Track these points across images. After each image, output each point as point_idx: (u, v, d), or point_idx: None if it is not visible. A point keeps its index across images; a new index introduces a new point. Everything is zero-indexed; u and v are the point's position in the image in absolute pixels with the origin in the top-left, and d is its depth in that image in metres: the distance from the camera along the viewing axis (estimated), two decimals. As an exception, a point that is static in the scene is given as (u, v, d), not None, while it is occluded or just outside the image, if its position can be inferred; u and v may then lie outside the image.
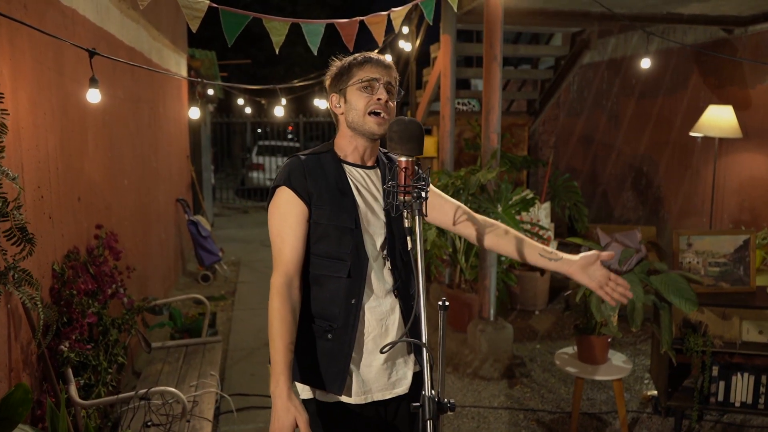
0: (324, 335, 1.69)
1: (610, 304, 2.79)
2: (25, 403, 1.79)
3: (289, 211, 1.66)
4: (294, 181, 1.67)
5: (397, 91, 1.74)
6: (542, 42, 6.35)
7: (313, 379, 1.70)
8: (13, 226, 2.05)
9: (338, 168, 1.73)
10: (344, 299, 1.68)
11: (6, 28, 2.31)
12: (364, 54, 1.74)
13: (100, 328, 3.12)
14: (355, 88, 1.69)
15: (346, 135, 1.75)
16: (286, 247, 1.65)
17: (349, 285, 1.68)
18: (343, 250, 1.68)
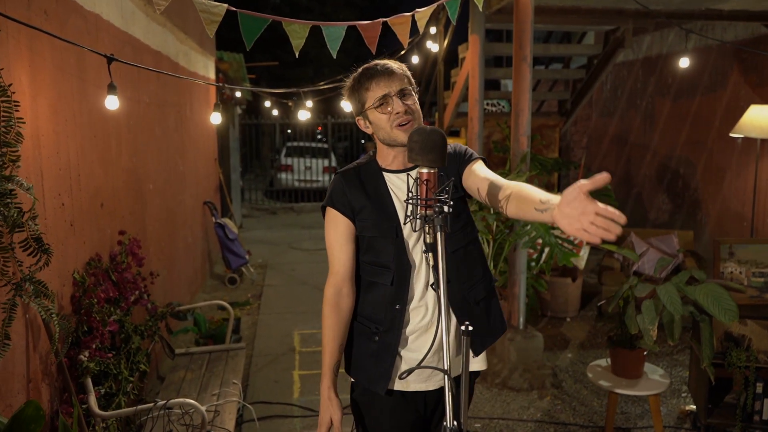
0: (372, 337, 1.80)
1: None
2: (37, 420, 1.75)
3: (336, 228, 1.79)
4: (336, 200, 1.78)
5: (413, 87, 1.70)
6: (574, 41, 6.17)
7: (360, 375, 1.84)
8: (29, 236, 2.02)
9: (379, 179, 1.78)
10: (389, 305, 1.77)
11: (25, 35, 2.29)
12: (366, 70, 1.73)
13: (122, 336, 3.09)
14: (373, 109, 1.70)
15: (383, 148, 1.79)
16: (335, 260, 1.80)
17: (393, 292, 1.76)
18: (387, 258, 1.76)
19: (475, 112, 4.73)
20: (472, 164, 1.75)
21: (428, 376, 1.83)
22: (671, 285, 2.81)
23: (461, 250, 1.79)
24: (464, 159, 1.77)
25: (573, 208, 1.25)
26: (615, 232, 1.22)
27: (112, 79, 2.39)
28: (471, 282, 1.82)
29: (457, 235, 1.78)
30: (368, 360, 1.80)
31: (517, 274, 4.04)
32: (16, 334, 2.18)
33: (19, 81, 2.24)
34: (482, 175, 1.69)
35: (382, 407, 1.82)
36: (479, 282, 1.85)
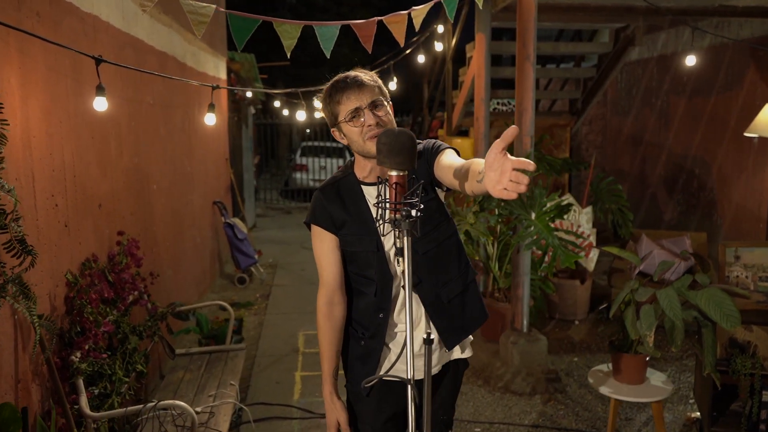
0: (359, 340, 1.89)
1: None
2: (15, 422, 1.75)
3: (322, 242, 1.83)
4: (318, 216, 1.82)
5: (385, 97, 1.67)
6: (585, 39, 6.07)
7: (349, 374, 1.95)
8: (12, 238, 2.02)
9: (358, 193, 1.78)
10: (374, 313, 1.83)
11: (14, 36, 2.29)
12: (336, 83, 1.71)
13: (118, 336, 3.10)
14: (345, 123, 1.69)
15: (360, 159, 1.79)
16: (324, 271, 1.85)
17: (376, 302, 1.82)
18: (370, 271, 1.81)
19: (481, 111, 4.67)
20: (440, 156, 1.70)
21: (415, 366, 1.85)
22: (671, 289, 2.74)
23: (433, 250, 1.81)
24: (432, 153, 1.74)
25: (494, 171, 1.22)
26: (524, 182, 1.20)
27: (100, 81, 2.39)
28: (445, 279, 1.85)
29: (429, 236, 1.80)
30: (356, 362, 1.90)
31: (520, 276, 3.98)
32: (4, 335, 2.19)
33: (8, 83, 2.25)
34: (447, 164, 1.64)
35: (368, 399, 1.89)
36: (455, 278, 1.88)
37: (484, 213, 3.87)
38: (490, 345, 4.48)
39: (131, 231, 3.61)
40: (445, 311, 1.85)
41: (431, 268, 1.81)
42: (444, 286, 1.84)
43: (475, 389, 4.00)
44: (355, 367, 1.93)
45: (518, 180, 1.19)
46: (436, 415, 1.99)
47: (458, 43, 5.77)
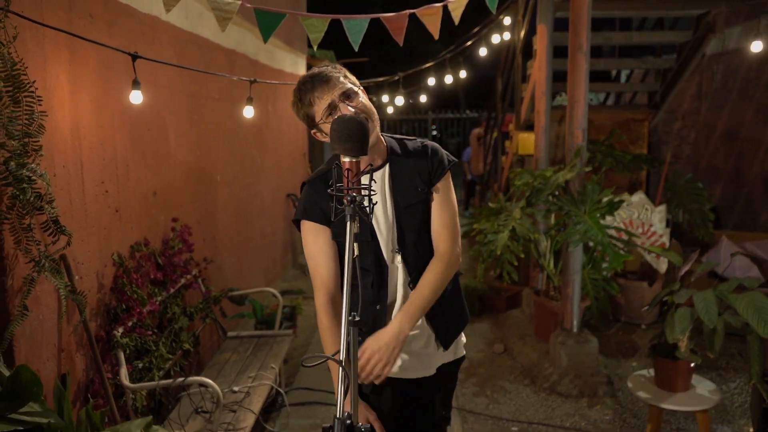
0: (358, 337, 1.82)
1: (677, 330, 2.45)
2: (36, 384, 1.93)
3: (315, 238, 1.80)
4: (310, 212, 1.79)
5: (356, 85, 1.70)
6: (667, 28, 5.73)
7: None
8: (48, 218, 2.23)
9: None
10: (371, 305, 1.81)
11: (64, 37, 2.51)
12: (303, 85, 1.71)
13: (167, 316, 3.31)
14: (324, 123, 1.69)
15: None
16: (321, 268, 1.79)
17: (374, 293, 1.81)
18: (365, 261, 1.79)
19: (542, 105, 4.54)
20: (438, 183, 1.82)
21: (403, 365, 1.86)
22: (710, 292, 2.56)
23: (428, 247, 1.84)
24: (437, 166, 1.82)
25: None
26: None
27: (136, 75, 2.57)
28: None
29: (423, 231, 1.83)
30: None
31: (570, 274, 3.84)
32: (47, 308, 2.42)
33: (57, 78, 2.47)
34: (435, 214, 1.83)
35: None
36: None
37: (531, 208, 3.77)
38: (541, 345, 4.36)
39: (189, 219, 3.83)
40: (440, 309, 1.83)
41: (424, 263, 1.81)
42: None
43: (521, 388, 3.91)
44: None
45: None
46: (437, 412, 1.99)
47: (527, 35, 5.62)
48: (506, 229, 3.61)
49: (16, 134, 2.07)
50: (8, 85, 2.07)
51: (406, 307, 1.75)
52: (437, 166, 1.82)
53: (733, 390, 3.78)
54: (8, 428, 1.82)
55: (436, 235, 1.83)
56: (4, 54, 2.06)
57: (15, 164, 2.04)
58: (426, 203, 1.82)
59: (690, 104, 8.36)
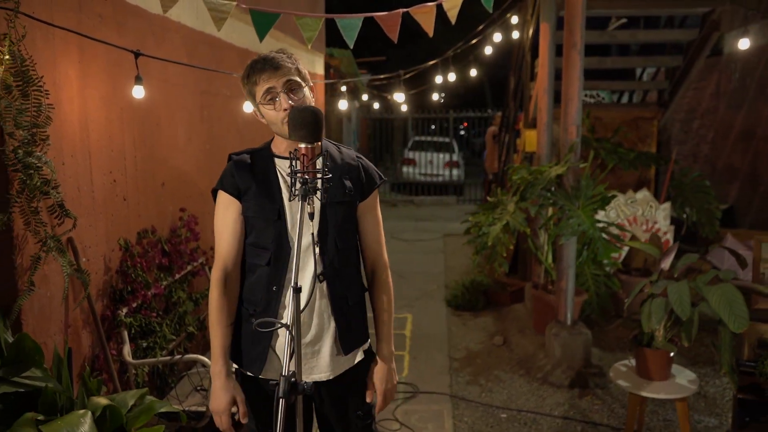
0: (249, 319, 1.84)
1: (652, 320, 2.53)
2: (37, 352, 2.12)
3: (225, 210, 1.84)
4: (225, 182, 1.84)
5: (303, 78, 1.78)
6: (675, 26, 5.74)
7: (239, 358, 1.88)
8: (54, 203, 2.42)
9: (269, 163, 1.84)
10: (266, 286, 1.80)
11: (74, 36, 2.70)
12: (254, 63, 1.80)
13: (173, 300, 3.50)
14: (262, 105, 1.77)
15: (277, 138, 1.87)
16: (223, 243, 1.83)
17: (269, 272, 1.79)
18: (266, 239, 1.80)
19: (544, 102, 4.62)
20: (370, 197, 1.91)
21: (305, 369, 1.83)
22: (684, 283, 2.64)
23: (348, 249, 1.87)
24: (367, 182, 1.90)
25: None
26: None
27: (138, 72, 2.75)
28: (352, 282, 1.89)
29: (347, 233, 1.87)
30: (245, 341, 1.83)
31: (564, 268, 3.93)
32: (55, 286, 2.61)
33: (66, 75, 2.67)
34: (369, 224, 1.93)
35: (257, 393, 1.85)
36: (358, 286, 1.92)
37: (525, 203, 3.87)
38: (539, 337, 4.44)
39: (197, 210, 4.02)
40: (347, 313, 1.85)
41: (344, 265, 1.83)
42: (350, 288, 1.86)
43: (515, 378, 4.01)
44: (246, 350, 1.84)
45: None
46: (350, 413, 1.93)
47: (535, 33, 5.69)
48: (500, 223, 3.71)
49: (24, 125, 2.26)
50: (18, 79, 2.26)
51: (384, 333, 1.91)
52: (369, 180, 1.90)
53: (725, 384, 3.82)
54: (11, 389, 2.00)
55: (372, 248, 1.93)
56: (14, 51, 2.25)
57: (23, 152, 2.23)
58: (351, 206, 1.87)
59: (708, 103, 8.31)
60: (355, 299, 1.90)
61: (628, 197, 5.16)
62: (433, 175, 13.95)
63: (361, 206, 1.91)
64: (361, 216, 1.92)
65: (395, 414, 3.51)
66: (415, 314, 5.34)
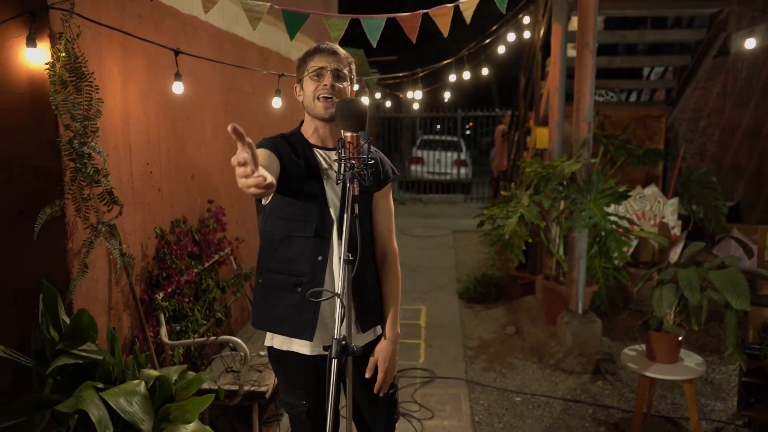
0: (293, 289, 1.93)
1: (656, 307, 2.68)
2: (92, 327, 2.29)
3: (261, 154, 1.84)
4: (267, 143, 1.93)
5: (349, 75, 1.94)
6: (684, 26, 5.88)
7: (283, 328, 1.95)
8: (104, 190, 2.59)
9: (306, 145, 1.99)
10: (312, 256, 1.91)
11: (118, 34, 2.88)
12: (317, 46, 1.96)
13: (202, 287, 3.67)
14: (308, 77, 1.93)
15: (307, 121, 2.01)
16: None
17: (315, 243, 1.91)
18: (309, 213, 1.91)
19: (556, 100, 4.77)
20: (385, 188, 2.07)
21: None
22: (693, 269, 2.79)
23: (366, 236, 2.00)
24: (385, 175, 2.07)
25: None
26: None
27: (178, 69, 2.93)
28: (371, 265, 2.04)
29: (367, 222, 2.02)
30: (291, 311, 1.91)
31: (575, 259, 4.08)
32: (100, 270, 2.78)
33: (110, 70, 2.84)
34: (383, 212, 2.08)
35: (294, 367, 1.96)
36: (374, 269, 2.06)
37: (539, 196, 4.02)
38: (550, 327, 4.60)
39: (223, 202, 4.19)
40: (366, 293, 1.98)
41: (364, 248, 1.90)
42: (369, 271, 2.01)
43: (528, 365, 4.17)
44: (290, 318, 1.91)
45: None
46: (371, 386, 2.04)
47: (546, 33, 5.85)
48: (515, 215, 3.87)
49: (78, 117, 2.44)
50: (72, 75, 2.44)
51: (391, 316, 2.03)
52: (385, 172, 2.08)
53: (731, 371, 3.97)
54: (70, 361, 2.18)
55: (384, 236, 2.08)
56: (69, 49, 2.42)
57: (78, 142, 2.41)
58: (370, 196, 2.02)
59: (715, 102, 8.44)
60: (372, 282, 2.05)
61: (637, 193, 5.31)
62: (441, 174, 14.12)
63: (376, 196, 2.08)
64: (375, 205, 2.08)
65: (414, 396, 3.67)
66: (429, 306, 5.50)
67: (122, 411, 2.04)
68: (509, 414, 3.52)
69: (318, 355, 1.94)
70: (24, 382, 2.54)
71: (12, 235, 2.54)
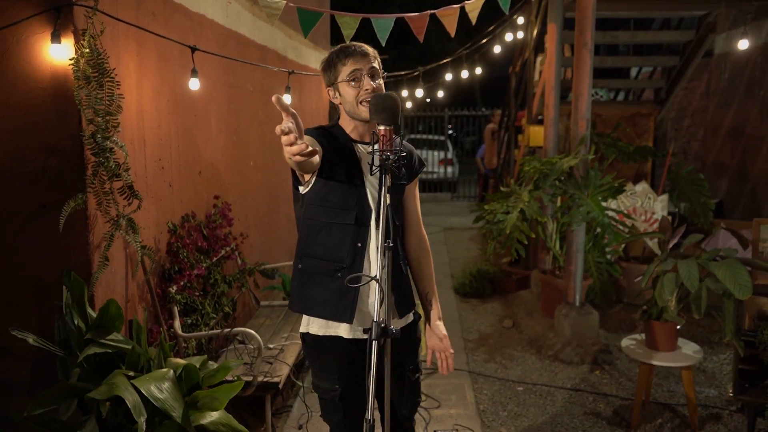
0: (334, 274, 1.97)
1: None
2: (119, 318, 2.34)
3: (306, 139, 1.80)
4: (312, 134, 1.95)
5: (381, 71, 2.02)
6: (672, 28, 6.05)
7: (324, 311, 1.99)
8: (124, 184, 2.64)
9: (346, 138, 2.05)
10: (352, 243, 1.97)
11: (134, 30, 2.92)
12: (344, 47, 1.99)
13: (210, 281, 3.72)
14: (344, 83, 1.96)
15: (346, 118, 2.05)
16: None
17: (355, 230, 1.96)
18: (350, 200, 1.96)
19: (551, 99, 4.89)
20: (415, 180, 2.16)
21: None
22: (692, 260, 2.91)
23: (399, 227, 2.10)
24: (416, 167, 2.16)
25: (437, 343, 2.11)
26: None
27: (194, 65, 2.97)
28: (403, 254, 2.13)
29: (399, 213, 2.11)
30: (332, 295, 1.96)
31: (573, 252, 4.20)
32: (118, 263, 2.83)
33: (127, 67, 2.88)
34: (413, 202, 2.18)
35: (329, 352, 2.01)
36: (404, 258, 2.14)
37: (538, 191, 4.13)
38: (547, 320, 4.72)
39: (228, 198, 4.24)
40: (401, 280, 2.07)
41: (396, 239, 2.00)
42: (403, 259, 2.10)
43: (527, 356, 4.28)
44: (331, 302, 1.96)
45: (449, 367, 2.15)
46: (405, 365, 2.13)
47: (539, 34, 5.97)
48: (515, 210, 3.97)
49: (100, 112, 2.48)
50: (95, 71, 2.48)
51: (433, 300, 2.18)
52: (417, 166, 2.17)
53: (723, 360, 4.12)
54: (100, 350, 2.23)
55: (416, 225, 2.19)
56: (92, 45, 2.47)
57: (101, 137, 2.45)
58: (403, 188, 2.11)
59: (699, 102, 8.66)
60: (405, 269, 2.15)
61: (628, 189, 5.45)
62: (428, 173, 14.24)
63: (407, 188, 2.16)
64: (406, 197, 2.17)
65: (419, 387, 3.75)
66: (426, 301, 5.58)
67: (153, 398, 2.10)
68: (512, 403, 3.62)
69: (353, 339, 2.01)
70: (45, 372, 2.58)
71: (33, 228, 2.58)
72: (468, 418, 3.40)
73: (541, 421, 3.41)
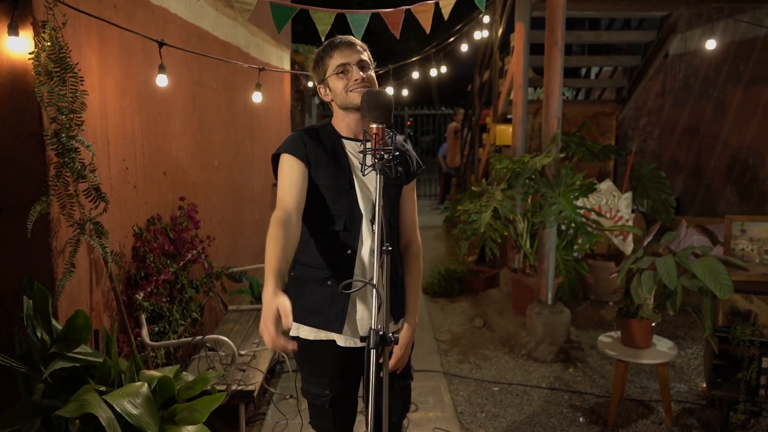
0: (324, 282, 1.92)
1: (642, 294, 2.80)
2: (86, 329, 2.20)
3: (290, 171, 1.87)
4: (294, 148, 1.89)
5: (371, 62, 1.94)
6: (633, 28, 6.15)
7: (313, 320, 1.94)
8: (90, 186, 2.48)
9: (336, 138, 1.96)
10: (342, 250, 1.91)
11: (96, 24, 2.76)
12: (331, 41, 1.93)
13: (177, 287, 3.57)
14: (333, 76, 1.89)
15: (339, 115, 1.96)
16: (287, 193, 1.84)
17: (345, 237, 1.91)
18: (339, 207, 1.90)
19: (519, 97, 4.89)
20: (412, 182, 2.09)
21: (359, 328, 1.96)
22: (670, 258, 2.93)
23: (395, 229, 2.03)
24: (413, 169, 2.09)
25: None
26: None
27: (162, 61, 2.83)
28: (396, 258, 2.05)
29: (396, 215, 2.04)
30: (323, 304, 1.92)
31: (545, 252, 4.21)
32: (82, 269, 2.67)
33: (89, 62, 2.72)
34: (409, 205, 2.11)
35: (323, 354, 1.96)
36: (399, 262, 2.08)
37: (511, 191, 4.12)
38: (518, 318, 4.72)
39: (193, 199, 4.09)
40: (397, 284, 2.01)
41: (392, 242, 1.95)
42: (398, 262, 2.04)
43: (500, 356, 4.26)
44: (321, 311, 1.92)
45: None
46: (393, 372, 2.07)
47: (504, 33, 5.99)
48: (488, 209, 3.95)
49: (63, 110, 2.33)
50: (57, 65, 2.32)
51: (411, 305, 2.06)
52: (415, 168, 2.10)
53: (690, 355, 4.19)
54: (68, 364, 2.08)
55: (410, 227, 2.11)
56: (54, 38, 2.31)
57: (66, 136, 2.30)
58: (400, 189, 2.04)
59: (655, 101, 8.87)
60: (401, 273, 2.07)
61: (596, 183, 5.51)
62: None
63: (405, 189, 2.09)
64: (403, 198, 2.10)
65: (395, 391, 3.69)
66: (395, 301, 5.52)
67: (128, 414, 1.97)
68: (489, 404, 3.59)
69: (347, 347, 1.94)
70: (5, 389, 2.41)
71: (-9, 234, 2.40)
72: (446, 421, 3.36)
73: (519, 420, 3.39)
